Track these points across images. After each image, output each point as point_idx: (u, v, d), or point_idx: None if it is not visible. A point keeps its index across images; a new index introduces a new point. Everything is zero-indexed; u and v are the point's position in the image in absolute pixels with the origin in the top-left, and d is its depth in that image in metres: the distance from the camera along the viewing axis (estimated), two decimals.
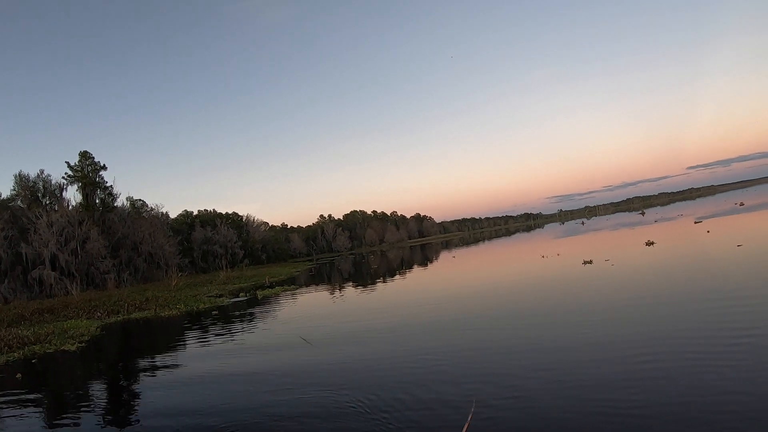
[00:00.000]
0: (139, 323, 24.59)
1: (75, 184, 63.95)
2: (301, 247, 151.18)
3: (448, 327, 13.14)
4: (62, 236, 54.69)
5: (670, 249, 24.82)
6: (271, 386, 9.53)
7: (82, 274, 54.53)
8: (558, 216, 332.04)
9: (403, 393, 7.94)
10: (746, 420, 5.42)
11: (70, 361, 16.01)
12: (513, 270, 28.35)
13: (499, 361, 9.15)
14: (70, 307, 31.21)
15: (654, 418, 5.79)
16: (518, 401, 6.97)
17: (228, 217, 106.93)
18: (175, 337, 19.28)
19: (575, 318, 11.94)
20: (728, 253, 18.47)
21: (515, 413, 6.59)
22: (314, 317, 19.41)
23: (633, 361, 7.90)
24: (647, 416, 5.86)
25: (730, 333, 8.57)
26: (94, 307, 30.92)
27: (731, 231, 29.14)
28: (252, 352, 13.40)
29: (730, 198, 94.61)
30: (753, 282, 12.58)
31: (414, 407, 7.28)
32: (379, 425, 6.81)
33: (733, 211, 48.80)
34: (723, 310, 10.24)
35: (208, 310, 26.64)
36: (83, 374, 14.11)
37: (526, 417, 6.43)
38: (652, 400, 6.28)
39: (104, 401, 10.56)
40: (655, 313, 11.02)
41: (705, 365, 7.23)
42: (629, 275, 17.93)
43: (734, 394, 6.10)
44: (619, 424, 5.80)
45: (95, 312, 28.91)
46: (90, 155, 64.65)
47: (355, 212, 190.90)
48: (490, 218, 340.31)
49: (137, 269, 62.35)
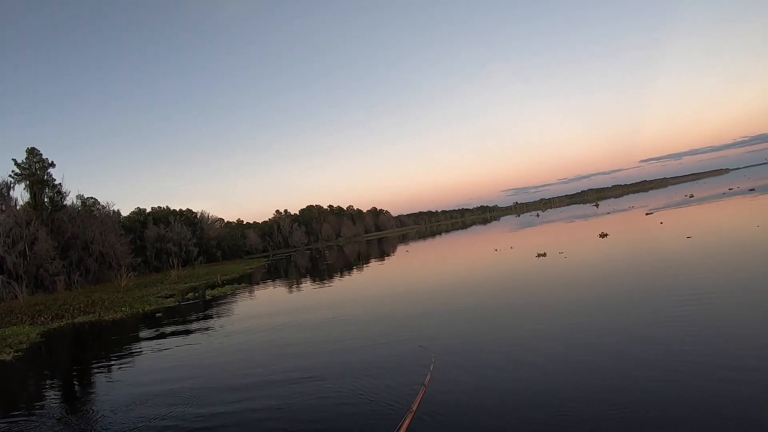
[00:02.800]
0: (82, 328, 24.85)
1: (22, 183, 62.43)
2: (257, 243, 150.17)
3: (392, 326, 13.77)
4: (9, 237, 53.47)
5: (622, 241, 25.92)
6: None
7: (30, 277, 53.45)
8: (514, 208, 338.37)
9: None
10: (678, 400, 6.20)
11: (3, 372, 15.93)
12: (463, 264, 29.14)
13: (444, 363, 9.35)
14: (14, 313, 31.04)
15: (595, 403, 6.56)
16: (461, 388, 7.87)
17: (182, 214, 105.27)
18: (112, 343, 19.46)
19: (525, 312, 12.58)
20: (679, 245, 19.86)
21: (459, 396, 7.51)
22: (258, 316, 20.18)
23: (578, 355, 8.52)
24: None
25: (678, 323, 9.30)
26: (38, 311, 30.83)
27: (682, 223, 30.72)
28: (185, 366, 12.81)
29: (681, 190, 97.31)
30: (703, 274, 13.46)
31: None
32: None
33: (684, 203, 51.22)
34: (673, 301, 10.98)
35: (152, 312, 27.01)
36: (16, 387, 13.86)
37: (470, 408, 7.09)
38: (593, 388, 7.03)
39: (29, 418, 10.14)
40: (605, 305, 11.83)
41: (649, 352, 8.01)
42: (583, 268, 18.61)
43: (673, 379, 6.85)
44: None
45: (39, 317, 28.89)
46: (38, 152, 63.01)
47: (312, 207, 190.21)
48: (447, 211, 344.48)
49: (88, 270, 61.41)
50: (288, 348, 13.00)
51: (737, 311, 9.51)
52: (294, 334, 14.86)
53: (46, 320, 28.08)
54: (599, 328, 9.98)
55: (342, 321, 15.85)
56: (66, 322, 27.30)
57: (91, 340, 21.77)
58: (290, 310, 20.59)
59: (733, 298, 10.54)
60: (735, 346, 7.70)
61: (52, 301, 36.05)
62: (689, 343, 8.19)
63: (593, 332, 9.77)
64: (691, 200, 54.31)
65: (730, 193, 52.94)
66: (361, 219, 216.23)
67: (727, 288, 11.45)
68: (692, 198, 58.42)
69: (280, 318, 18.40)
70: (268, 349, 13.39)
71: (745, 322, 8.81)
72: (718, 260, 15.25)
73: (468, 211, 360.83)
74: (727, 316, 9.35)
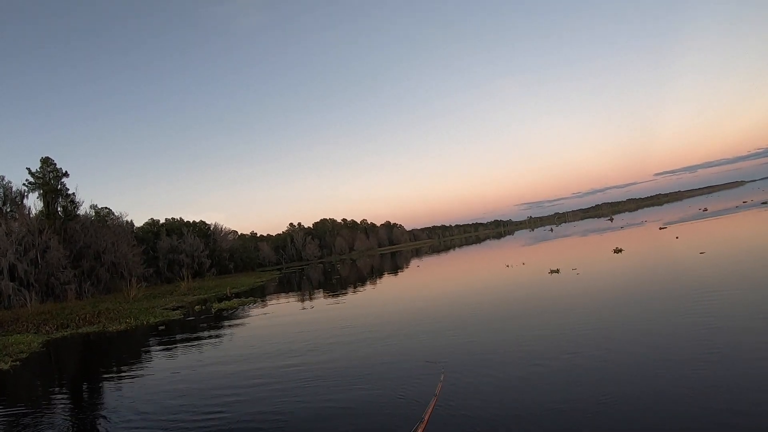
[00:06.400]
0: (84, 338, 24.39)
1: (36, 192, 62.91)
2: (270, 255, 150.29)
3: (401, 340, 13.58)
4: (21, 245, 53.66)
5: (637, 257, 25.20)
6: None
7: (41, 285, 53.53)
8: (528, 223, 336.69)
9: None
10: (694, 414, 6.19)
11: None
12: (474, 281, 28.20)
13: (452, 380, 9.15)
14: (20, 321, 30.80)
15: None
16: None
17: (195, 226, 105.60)
18: (109, 356, 19.24)
19: (535, 333, 11.92)
20: (692, 261, 19.42)
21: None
22: (262, 330, 19.77)
23: (589, 372, 8.38)
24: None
25: (688, 342, 9.08)
26: (44, 320, 30.53)
27: (696, 237, 30.32)
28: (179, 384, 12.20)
29: (695, 204, 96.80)
30: (716, 291, 13.04)
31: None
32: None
33: (697, 217, 50.39)
34: (684, 320, 10.65)
35: (156, 324, 26.47)
36: (5, 397, 13.42)
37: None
38: (604, 404, 6.95)
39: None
40: (617, 324, 11.43)
41: (660, 370, 7.83)
42: (596, 286, 17.97)
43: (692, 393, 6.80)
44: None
45: (45, 326, 28.53)
46: (52, 161, 63.60)
47: (325, 220, 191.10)
48: (461, 225, 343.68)
49: (99, 279, 61.40)
50: (294, 359, 12.69)
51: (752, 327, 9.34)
52: (300, 345, 14.56)
53: (51, 329, 27.69)
54: (609, 348, 9.66)
55: (350, 335, 15.46)
56: (70, 331, 26.90)
57: (90, 351, 21.27)
58: (298, 323, 20.38)
59: (747, 314, 10.28)
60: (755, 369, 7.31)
61: (59, 310, 35.82)
62: (703, 365, 7.87)
63: (604, 351, 9.53)
64: (705, 214, 53.55)
65: (744, 207, 52.29)
66: (374, 233, 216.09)
67: (742, 304, 11.17)
68: (706, 212, 57.66)
69: (285, 333, 17.90)
70: (267, 364, 12.77)
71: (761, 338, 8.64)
72: (738, 276, 14.82)
73: (482, 225, 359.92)
74: (742, 336, 9.03)
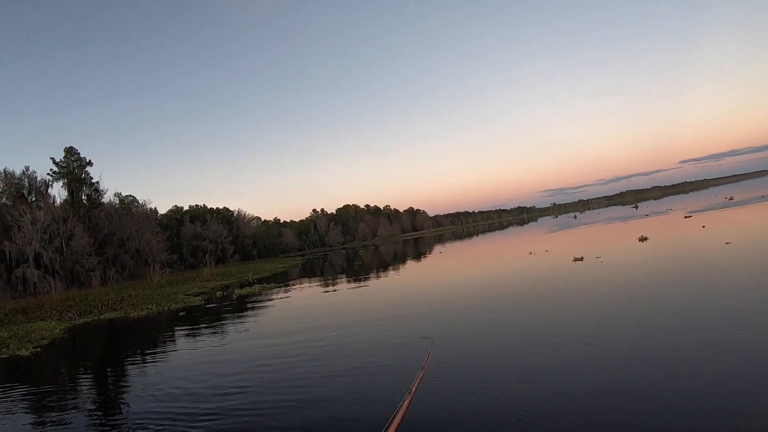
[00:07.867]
0: (105, 325, 24.11)
1: (60, 181, 63.66)
2: (293, 241, 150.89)
3: (399, 321, 13.14)
4: (46, 234, 54.31)
5: (662, 246, 24.25)
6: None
7: (66, 272, 54.20)
8: (551, 210, 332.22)
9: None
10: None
11: (19, 368, 15.35)
12: (496, 268, 27.41)
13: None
14: (44, 308, 30.83)
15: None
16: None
17: (218, 213, 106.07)
18: (129, 342, 19.04)
19: (557, 323, 11.27)
20: (717, 252, 18.52)
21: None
22: (282, 314, 19.36)
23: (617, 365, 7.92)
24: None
25: (714, 336, 8.59)
26: (68, 307, 30.54)
27: (722, 226, 29.26)
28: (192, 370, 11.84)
29: (721, 192, 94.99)
30: (743, 282, 12.46)
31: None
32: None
33: (723, 206, 49.04)
34: (709, 313, 10.09)
35: (177, 310, 26.15)
36: (23, 383, 12.84)
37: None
38: (633, 400, 6.49)
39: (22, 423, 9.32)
40: (638, 316, 10.80)
41: (684, 366, 7.40)
42: (621, 275, 17.12)
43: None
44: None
45: (68, 312, 28.50)
46: (75, 151, 64.24)
47: (348, 206, 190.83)
48: (484, 212, 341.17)
49: (124, 266, 62.00)
50: (295, 348, 12.18)
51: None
52: (319, 327, 14.23)
53: (74, 316, 27.61)
54: (630, 343, 9.05)
55: (366, 316, 15.37)
56: (93, 318, 26.74)
57: (111, 337, 20.94)
58: (317, 306, 20.52)
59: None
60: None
61: (83, 297, 35.93)
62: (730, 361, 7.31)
63: (624, 343, 9.04)
64: (731, 203, 52.07)
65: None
66: (397, 219, 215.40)
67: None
68: (732, 200, 56.05)
69: (303, 318, 17.48)
70: (277, 349, 12.12)
71: None
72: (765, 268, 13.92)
73: (505, 211, 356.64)
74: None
